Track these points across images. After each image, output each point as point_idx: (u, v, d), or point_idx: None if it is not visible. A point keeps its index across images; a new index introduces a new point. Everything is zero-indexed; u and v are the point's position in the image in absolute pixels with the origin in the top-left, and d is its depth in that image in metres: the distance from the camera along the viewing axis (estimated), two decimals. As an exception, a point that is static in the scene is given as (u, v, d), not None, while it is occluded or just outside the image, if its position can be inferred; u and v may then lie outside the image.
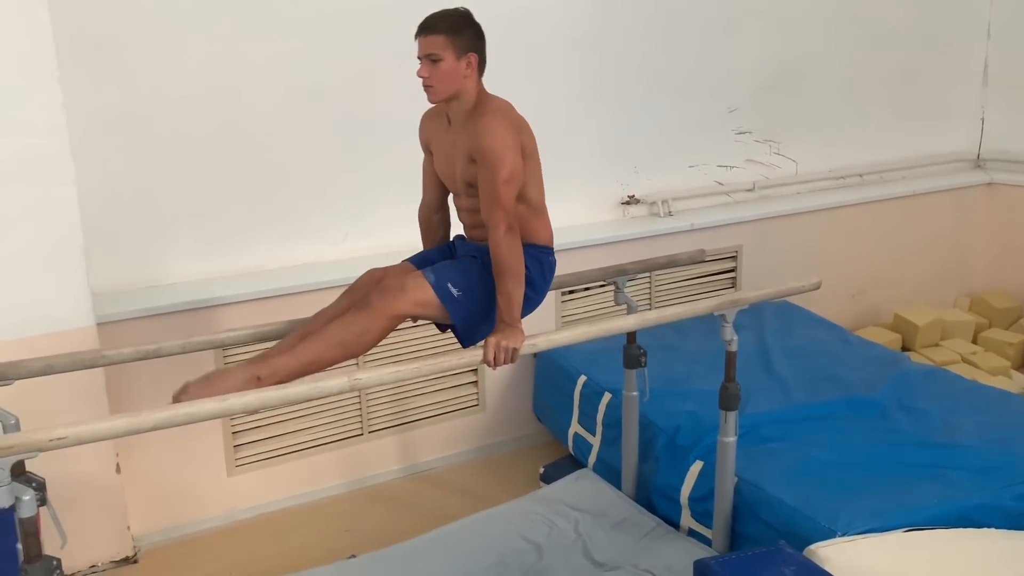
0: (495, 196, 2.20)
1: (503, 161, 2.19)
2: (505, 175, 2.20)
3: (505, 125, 2.24)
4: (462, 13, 2.30)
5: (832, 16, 4.66)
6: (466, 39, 2.26)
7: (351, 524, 3.39)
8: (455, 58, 2.25)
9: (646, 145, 4.27)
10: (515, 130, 2.26)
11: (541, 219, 2.41)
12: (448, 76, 2.26)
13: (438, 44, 2.24)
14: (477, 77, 2.32)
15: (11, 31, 2.71)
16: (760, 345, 3.77)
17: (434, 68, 2.25)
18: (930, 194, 5.01)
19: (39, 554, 1.75)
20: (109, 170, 3.18)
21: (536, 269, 2.37)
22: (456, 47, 2.25)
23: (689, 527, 2.93)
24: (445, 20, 2.26)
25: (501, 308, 2.23)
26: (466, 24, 2.28)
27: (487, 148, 2.20)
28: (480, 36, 2.31)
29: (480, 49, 2.31)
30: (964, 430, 2.99)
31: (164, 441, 3.21)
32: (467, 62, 2.27)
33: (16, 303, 2.85)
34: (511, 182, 2.21)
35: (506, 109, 2.30)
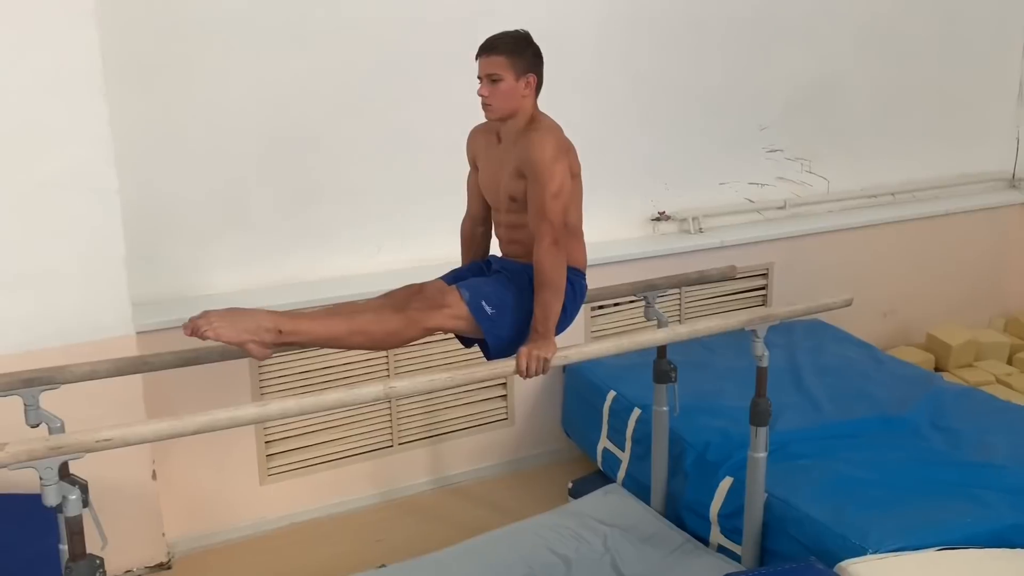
0: (543, 209, 2.23)
1: (552, 175, 2.23)
2: (554, 189, 2.23)
3: (555, 142, 2.27)
4: (523, 35, 2.35)
5: (864, 33, 4.66)
6: (526, 60, 2.31)
7: (381, 535, 3.42)
8: (515, 78, 2.29)
9: (677, 162, 4.29)
10: (564, 149, 2.30)
11: (578, 242, 2.44)
12: (507, 96, 2.30)
13: (499, 64, 2.28)
14: (534, 98, 2.36)
15: (61, 47, 2.80)
16: (791, 363, 3.76)
17: (494, 88, 2.29)
18: (964, 213, 4.98)
19: (83, 552, 1.80)
20: (150, 182, 3.26)
21: (571, 295, 2.38)
22: (516, 68, 2.29)
23: (718, 543, 2.92)
24: (506, 41, 2.31)
25: (537, 318, 2.25)
26: (526, 45, 2.33)
27: (537, 161, 2.24)
28: (539, 57, 2.36)
29: (539, 70, 2.35)
30: (998, 450, 2.97)
31: (199, 449, 3.27)
32: (526, 82, 2.31)
33: (60, 311, 2.92)
34: (559, 196, 2.24)
35: (557, 129, 2.34)
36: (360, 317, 2.21)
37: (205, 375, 3.15)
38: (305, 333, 2.13)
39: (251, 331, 2.05)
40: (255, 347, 2.07)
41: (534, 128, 2.31)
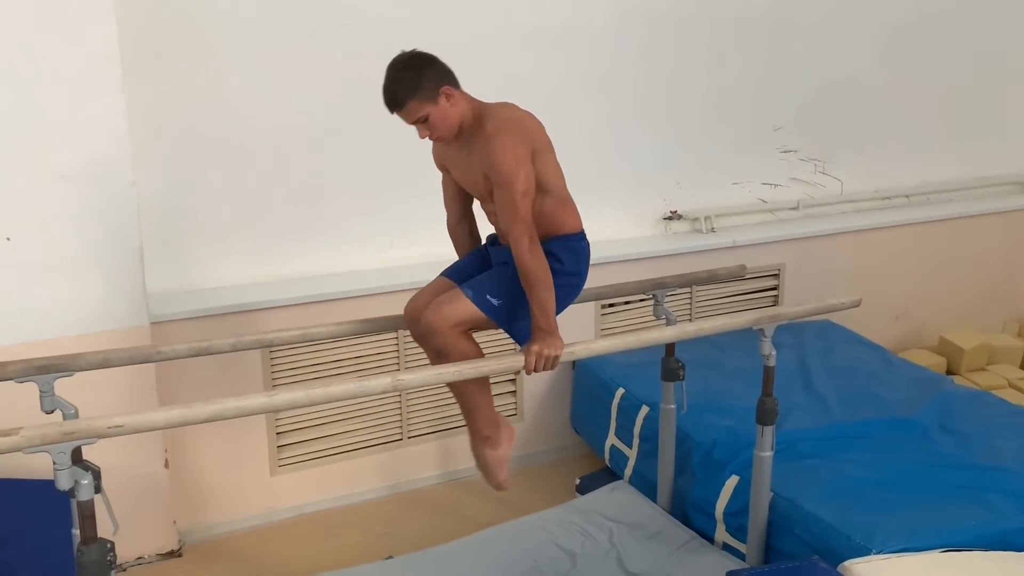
0: (514, 211, 2.23)
1: (516, 176, 2.22)
2: (520, 189, 2.22)
3: (511, 139, 2.23)
4: (407, 63, 2.25)
5: (880, 34, 4.65)
6: (430, 83, 2.23)
7: (390, 527, 3.45)
8: (435, 105, 2.24)
9: (689, 161, 4.29)
10: (521, 138, 2.26)
11: (566, 207, 2.43)
12: (442, 121, 2.27)
13: (413, 110, 2.24)
14: (462, 98, 2.30)
15: (80, 41, 2.84)
16: (800, 363, 3.76)
17: (428, 125, 2.28)
18: (979, 216, 4.95)
19: (95, 536, 1.84)
20: (166, 176, 3.30)
21: (571, 258, 2.40)
22: (427, 97, 2.23)
23: (724, 541, 2.93)
24: (402, 85, 2.23)
25: (536, 317, 2.27)
26: (418, 71, 2.24)
27: (497, 167, 2.24)
28: (434, 63, 2.27)
29: (445, 76, 2.27)
30: (1006, 453, 2.96)
31: (210, 439, 3.31)
32: (446, 97, 2.25)
33: (77, 301, 2.97)
34: (527, 195, 2.24)
35: (507, 119, 2.27)
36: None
37: (218, 366, 3.20)
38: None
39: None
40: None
41: (487, 126, 2.26)
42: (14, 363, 2.22)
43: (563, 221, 2.41)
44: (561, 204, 2.41)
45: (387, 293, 3.45)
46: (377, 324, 2.70)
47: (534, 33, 3.80)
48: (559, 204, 2.40)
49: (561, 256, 2.38)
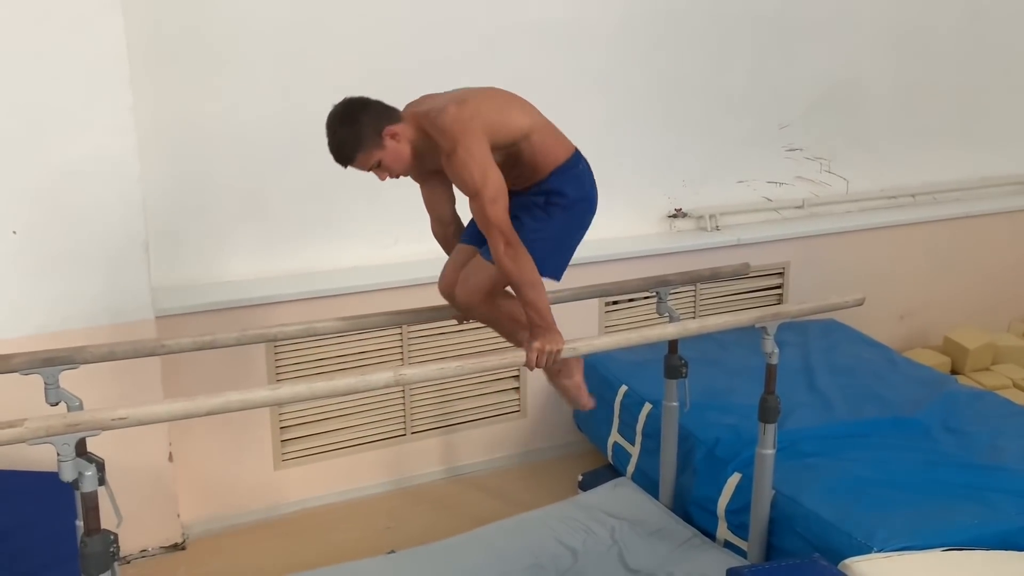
0: (486, 219, 2.22)
1: (482, 185, 2.19)
2: (490, 196, 2.19)
3: (466, 149, 2.19)
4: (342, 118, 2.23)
5: (887, 33, 4.63)
6: (370, 131, 2.21)
7: (392, 522, 3.46)
8: (383, 149, 2.23)
9: (695, 160, 4.29)
10: (475, 138, 2.20)
11: (553, 137, 2.39)
12: (395, 161, 2.26)
13: (364, 161, 2.24)
14: (404, 127, 2.26)
15: (87, 36, 2.85)
16: (804, 362, 3.76)
17: (384, 169, 2.27)
18: (985, 216, 4.93)
19: (98, 527, 1.85)
20: (172, 170, 3.31)
21: (574, 185, 2.39)
22: (372, 145, 2.22)
23: (725, 539, 2.94)
24: (344, 143, 2.22)
25: (531, 318, 2.28)
26: (355, 123, 2.21)
27: (463, 183, 2.24)
28: (369, 109, 2.24)
29: (383, 117, 2.24)
30: (1009, 453, 2.96)
31: (215, 433, 3.33)
32: (391, 137, 2.24)
33: (83, 294, 2.99)
34: (496, 201, 2.21)
35: (455, 127, 2.20)
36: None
37: (223, 361, 3.22)
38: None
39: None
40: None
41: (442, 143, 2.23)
42: (19, 355, 2.24)
43: (553, 153, 2.37)
44: (546, 138, 2.36)
45: (391, 289, 3.46)
46: (380, 319, 2.71)
47: (542, 31, 3.80)
48: (543, 138, 2.35)
49: (563, 188, 2.37)
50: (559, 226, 2.40)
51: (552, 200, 2.39)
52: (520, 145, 2.33)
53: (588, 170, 2.47)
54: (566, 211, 2.39)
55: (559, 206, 2.39)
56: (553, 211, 2.39)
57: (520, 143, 2.33)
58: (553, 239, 2.39)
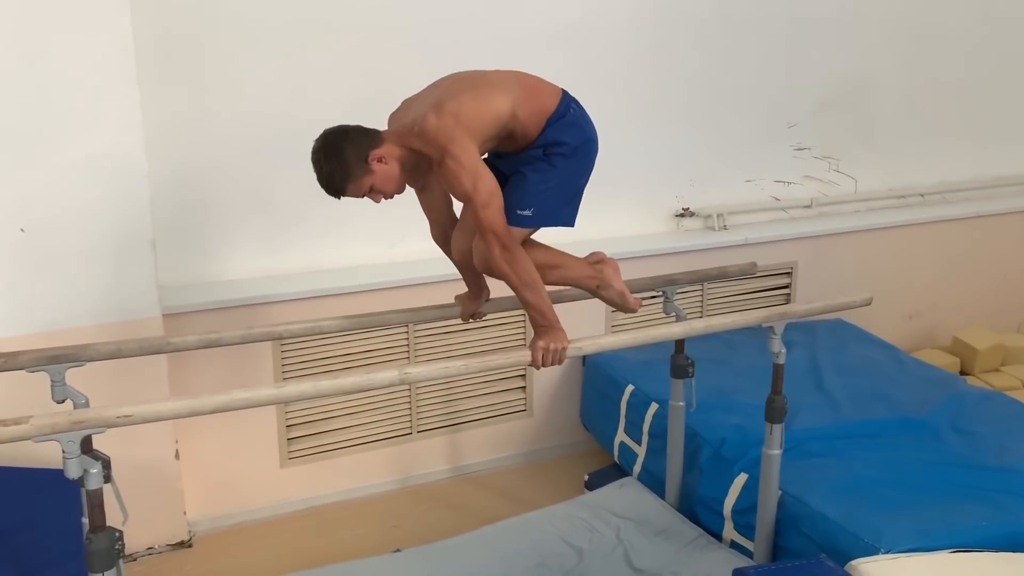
0: (480, 224, 2.21)
1: (475, 190, 2.18)
2: (482, 201, 2.18)
3: (455, 154, 2.17)
4: (326, 153, 2.20)
5: (897, 32, 4.61)
6: (354, 160, 2.19)
7: (398, 521, 3.46)
8: (372, 175, 2.22)
9: (702, 159, 4.28)
10: (461, 141, 2.18)
11: (534, 98, 2.34)
12: (386, 183, 2.24)
13: (353, 191, 2.23)
14: (390, 148, 2.24)
15: (95, 34, 2.86)
16: (812, 362, 3.75)
17: (378, 193, 2.26)
18: (994, 216, 4.91)
19: (103, 524, 1.86)
20: (179, 168, 3.32)
21: (571, 131, 2.34)
22: (361, 173, 2.20)
23: (731, 539, 2.93)
24: (332, 177, 2.21)
25: (533, 319, 2.28)
26: (338, 156, 2.19)
27: (455, 190, 2.24)
28: (350, 139, 2.22)
29: (364, 143, 2.22)
30: (1018, 454, 2.94)
31: (221, 431, 3.33)
32: (378, 161, 2.22)
33: (90, 291, 2.99)
34: (490, 204, 2.19)
35: (440, 134, 2.18)
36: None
37: (229, 359, 3.23)
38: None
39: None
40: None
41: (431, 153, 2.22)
42: (26, 353, 2.24)
43: (542, 107, 2.33)
44: (530, 98, 2.32)
45: (398, 288, 3.46)
46: (387, 318, 2.71)
47: (550, 31, 3.79)
48: (528, 100, 2.31)
49: (559, 138, 2.33)
50: (564, 174, 2.36)
51: (552, 151, 2.35)
52: (510, 125, 2.30)
53: (580, 111, 2.42)
54: (568, 158, 2.35)
55: (560, 155, 2.34)
56: (555, 160, 2.35)
57: (508, 123, 2.30)
58: (560, 187, 2.35)
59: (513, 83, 2.35)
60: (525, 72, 2.44)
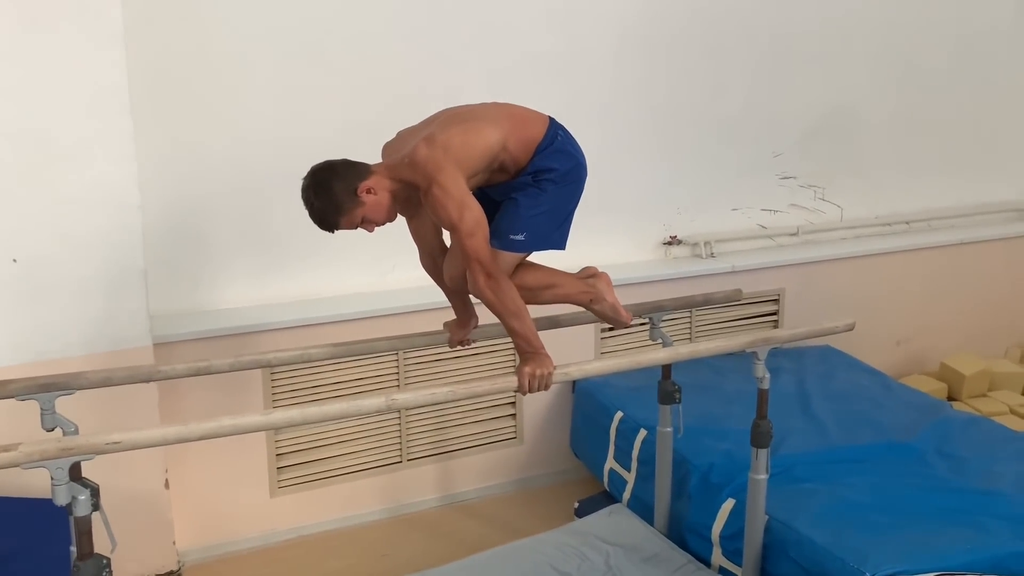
0: (465, 253, 2.25)
1: (460, 219, 2.22)
2: (467, 230, 2.22)
3: (442, 185, 2.21)
4: (315, 190, 2.25)
5: (881, 63, 4.70)
6: (344, 194, 2.24)
7: (388, 549, 3.46)
8: (363, 206, 2.26)
9: (690, 187, 4.34)
10: (448, 173, 2.22)
11: (523, 122, 2.40)
12: (377, 212, 2.29)
13: (346, 224, 2.28)
14: (379, 179, 2.29)
15: (89, 66, 2.90)
16: (800, 388, 3.77)
17: (369, 223, 2.31)
18: (979, 243, 4.97)
19: (91, 552, 1.86)
20: (171, 199, 3.36)
21: (559, 158, 2.39)
22: (352, 206, 2.25)
23: (720, 565, 2.93)
24: (324, 213, 2.26)
25: (519, 346, 2.31)
26: (328, 192, 2.24)
27: (442, 219, 2.28)
28: (337, 173, 2.26)
29: (353, 176, 2.26)
30: (1003, 478, 2.96)
31: (211, 460, 3.34)
32: (367, 192, 2.26)
33: (82, 321, 3.01)
34: (474, 234, 2.23)
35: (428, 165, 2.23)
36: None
37: (220, 388, 3.24)
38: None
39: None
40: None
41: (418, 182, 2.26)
42: (16, 381, 2.26)
43: (530, 136, 2.38)
44: (517, 129, 2.38)
45: (389, 316, 3.48)
46: (375, 345, 2.73)
47: (537, 62, 3.86)
48: (514, 130, 2.36)
49: (550, 164, 2.39)
50: (554, 199, 2.41)
51: (541, 177, 2.40)
52: (500, 156, 2.36)
53: (568, 137, 2.48)
54: (557, 184, 2.41)
55: (550, 181, 2.40)
56: (545, 186, 2.40)
57: (499, 155, 2.35)
58: (551, 212, 2.40)
59: (502, 116, 2.41)
60: (512, 104, 2.50)
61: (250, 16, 3.38)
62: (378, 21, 3.58)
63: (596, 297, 2.63)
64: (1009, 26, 5.04)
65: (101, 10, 2.88)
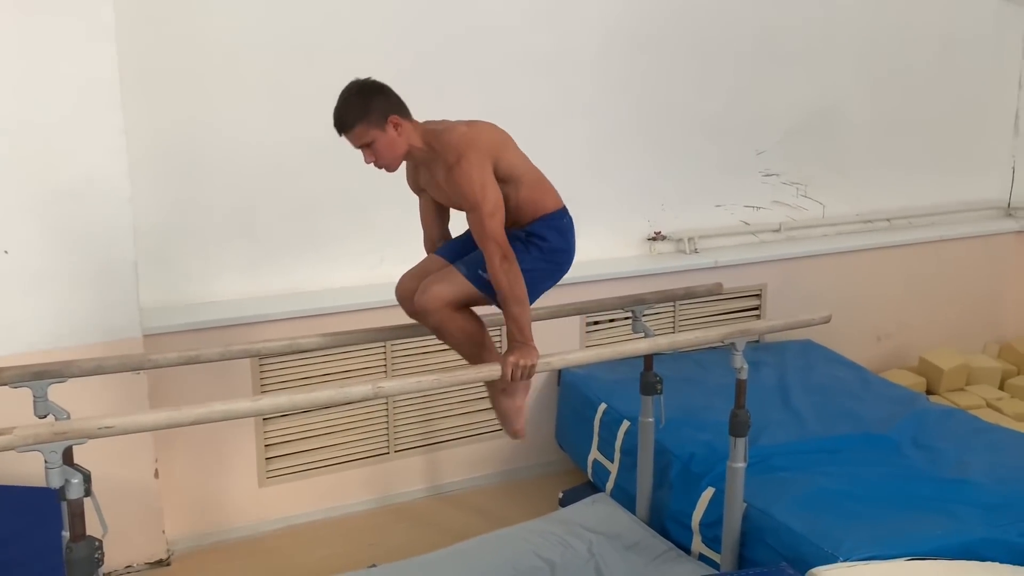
0: (483, 232, 2.32)
1: (483, 199, 2.30)
2: (488, 210, 2.30)
3: (470, 163, 2.30)
4: (358, 89, 2.33)
5: (863, 62, 4.77)
6: (377, 110, 2.31)
7: (375, 539, 3.51)
8: (382, 132, 2.32)
9: (674, 184, 4.40)
10: (480, 156, 2.32)
11: (543, 188, 2.52)
12: (387, 149, 2.34)
13: (360, 134, 2.32)
14: (410, 127, 2.37)
15: (80, 61, 2.95)
16: (780, 381, 3.84)
17: (372, 150, 2.35)
18: (959, 240, 5.06)
19: (83, 533, 1.91)
20: (161, 192, 3.40)
21: (555, 235, 2.49)
22: (374, 123, 2.30)
23: (700, 552, 3.00)
24: (351, 109, 2.31)
25: (511, 331, 2.37)
26: (367, 97, 2.31)
27: (464, 194, 2.34)
28: (385, 93, 2.34)
29: (394, 106, 2.34)
30: (975, 468, 3.03)
31: (200, 450, 3.39)
32: (393, 126, 2.33)
33: (73, 313, 3.05)
34: (494, 215, 2.31)
35: (462, 142, 2.32)
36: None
37: (210, 379, 3.29)
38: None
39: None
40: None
41: (447, 156, 2.34)
42: (9, 369, 2.30)
43: (542, 203, 2.49)
44: (536, 187, 2.49)
45: (377, 308, 3.52)
46: (363, 335, 2.78)
47: (525, 62, 3.92)
48: (534, 187, 2.48)
49: (545, 234, 2.49)
50: (535, 264, 2.47)
51: (533, 240, 2.50)
52: (508, 187, 2.43)
53: (571, 226, 2.58)
54: (544, 254, 2.49)
55: (538, 247, 2.49)
56: (533, 249, 2.49)
57: (510, 183, 2.43)
58: (526, 274, 2.42)
59: (534, 169, 2.53)
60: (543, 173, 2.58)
61: (242, 10, 3.42)
62: (368, 21, 3.63)
63: (510, 389, 2.61)
64: (990, 26, 5.13)
65: (91, 4, 2.92)
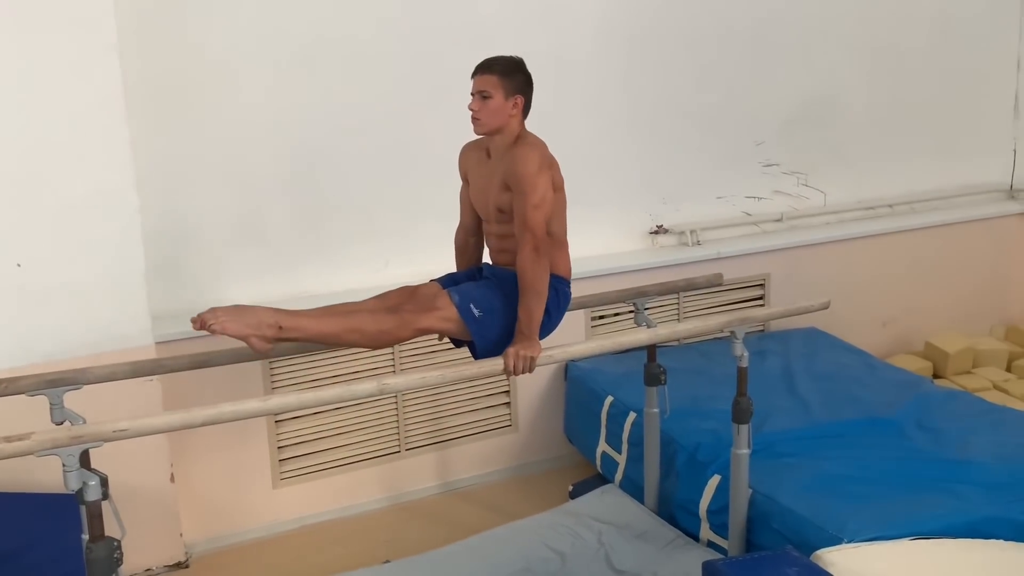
0: (525, 219, 2.40)
1: (535, 187, 2.41)
2: (535, 200, 2.40)
3: (540, 157, 2.46)
4: (517, 60, 2.55)
5: (861, 49, 4.79)
6: (516, 82, 2.51)
7: (389, 537, 3.56)
8: (504, 97, 2.48)
9: (675, 177, 4.43)
10: (548, 164, 2.48)
11: (562, 252, 2.59)
12: (495, 113, 2.48)
13: (490, 83, 2.48)
14: (521, 117, 2.54)
15: (86, 77, 3.01)
16: (785, 369, 3.87)
17: (484, 104, 2.48)
18: (962, 224, 5.06)
19: (102, 534, 1.97)
20: (169, 201, 3.45)
21: (552, 298, 2.52)
22: (506, 87, 2.48)
23: (708, 539, 3.04)
24: (500, 62, 2.51)
25: (521, 321, 2.41)
26: (518, 69, 2.53)
27: (520, 174, 2.42)
28: (529, 83, 2.55)
29: (528, 93, 2.54)
30: (979, 448, 3.07)
31: (214, 453, 3.45)
32: (514, 103, 2.50)
33: (86, 323, 3.12)
34: (540, 207, 2.41)
35: (542, 145, 2.52)
36: (356, 316, 2.36)
37: (221, 383, 3.34)
38: (304, 329, 2.27)
39: (253, 326, 2.19)
40: (257, 341, 2.20)
41: (520, 144, 2.49)
42: (26, 377, 2.36)
43: (557, 264, 2.54)
44: (557, 246, 2.55)
45: (382, 310, 3.58)
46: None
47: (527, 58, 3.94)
48: (556, 246, 2.54)
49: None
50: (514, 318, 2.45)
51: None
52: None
53: (568, 297, 2.62)
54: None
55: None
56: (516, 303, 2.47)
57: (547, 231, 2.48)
58: (504, 325, 2.46)
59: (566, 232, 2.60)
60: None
61: (243, 24, 3.48)
62: (367, 26, 3.68)
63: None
64: (986, 8, 5.14)
65: (95, 22, 2.99)
